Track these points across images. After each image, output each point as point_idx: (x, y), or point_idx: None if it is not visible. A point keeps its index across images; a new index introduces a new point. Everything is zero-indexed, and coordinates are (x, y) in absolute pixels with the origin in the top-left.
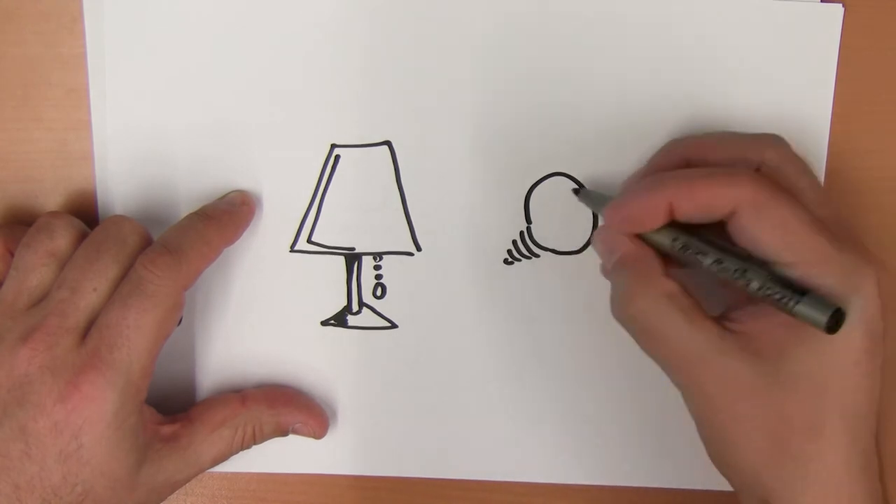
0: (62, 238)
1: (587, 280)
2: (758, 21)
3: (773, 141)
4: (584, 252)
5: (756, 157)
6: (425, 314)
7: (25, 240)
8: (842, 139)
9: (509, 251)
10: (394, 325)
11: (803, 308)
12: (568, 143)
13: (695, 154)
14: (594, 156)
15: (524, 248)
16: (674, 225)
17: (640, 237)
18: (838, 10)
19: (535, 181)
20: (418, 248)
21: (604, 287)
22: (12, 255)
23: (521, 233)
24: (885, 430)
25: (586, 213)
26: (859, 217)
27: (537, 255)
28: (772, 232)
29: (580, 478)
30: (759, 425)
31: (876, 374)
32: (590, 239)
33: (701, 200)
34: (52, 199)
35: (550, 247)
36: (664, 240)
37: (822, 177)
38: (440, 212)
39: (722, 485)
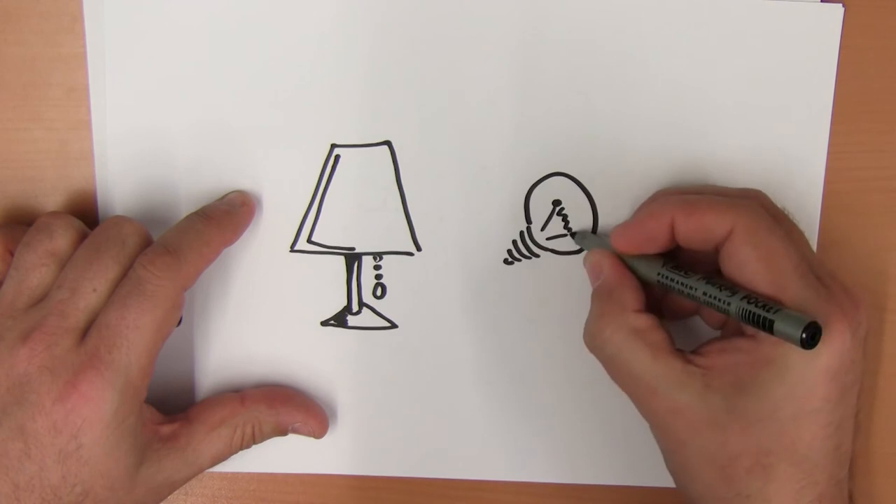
0: (62, 238)
1: (587, 280)
2: (758, 21)
3: (757, 193)
4: (583, 252)
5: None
6: (425, 314)
7: (25, 240)
8: (842, 139)
9: (509, 251)
10: (394, 325)
11: (779, 323)
12: (568, 143)
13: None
14: (594, 156)
15: (524, 248)
16: (658, 256)
17: (630, 267)
18: (838, 10)
19: (535, 181)
20: (418, 248)
21: None
22: (12, 254)
23: (521, 233)
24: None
25: (586, 214)
26: (859, 217)
27: (537, 255)
28: (759, 261)
29: (580, 477)
30: (711, 460)
31: (842, 424)
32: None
33: (702, 221)
34: (52, 199)
35: (550, 247)
36: (651, 268)
37: (822, 177)
38: (440, 212)
39: None
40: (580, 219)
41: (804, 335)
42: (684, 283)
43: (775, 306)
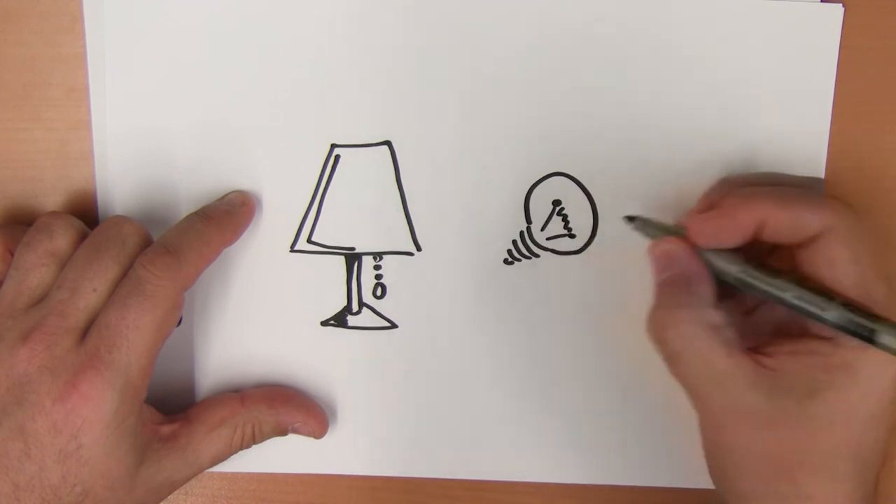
0: (62, 238)
1: (587, 280)
2: (758, 21)
3: (843, 205)
4: (584, 252)
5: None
6: (425, 314)
7: (25, 240)
8: (842, 139)
9: (509, 251)
10: (394, 325)
11: (884, 335)
12: (568, 143)
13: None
14: (594, 156)
15: (524, 248)
16: (737, 253)
17: (706, 260)
18: (838, 10)
19: (535, 181)
20: (418, 248)
21: (603, 287)
22: (12, 254)
23: (521, 233)
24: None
25: (586, 213)
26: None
27: (537, 255)
28: (850, 263)
29: (580, 477)
30: (776, 459)
31: (893, 427)
32: (590, 240)
33: (797, 215)
34: (52, 199)
35: (550, 247)
36: (730, 263)
37: (822, 177)
38: (440, 212)
39: None
40: (580, 219)
41: None
42: (771, 283)
43: (876, 317)
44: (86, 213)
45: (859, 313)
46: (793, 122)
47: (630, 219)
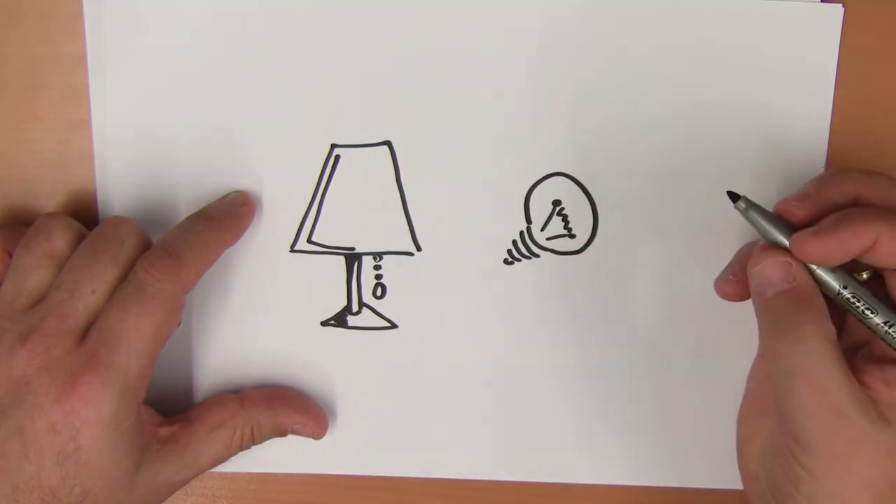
0: (60, 239)
1: (587, 280)
2: (758, 21)
3: None
4: (584, 252)
5: None
6: (425, 314)
7: (24, 241)
8: (842, 139)
9: (509, 251)
10: (394, 325)
11: None
12: (568, 143)
13: (865, 192)
14: (594, 156)
15: (524, 248)
16: (842, 271)
17: (812, 273)
18: (838, 10)
19: (535, 181)
20: (418, 248)
21: (603, 287)
22: (11, 256)
23: (521, 233)
24: None
25: (586, 213)
26: None
27: (537, 255)
28: None
29: (580, 477)
30: (873, 488)
31: None
32: (590, 240)
33: None
34: (52, 199)
35: (550, 247)
36: (835, 284)
37: None
38: (440, 212)
39: (725, 483)
40: (580, 219)
41: None
42: (864, 315)
43: None
44: (85, 214)
45: None
46: (793, 121)
47: (734, 196)
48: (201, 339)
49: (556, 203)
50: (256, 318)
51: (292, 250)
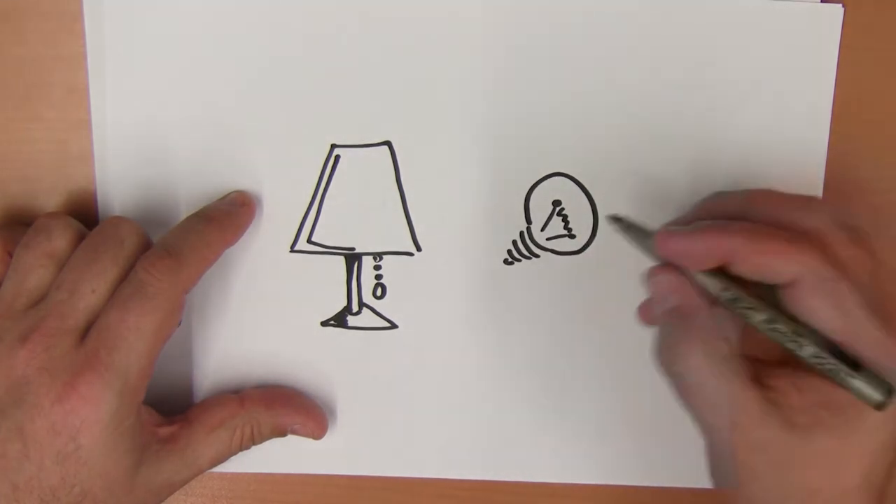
0: (60, 239)
1: (587, 280)
2: (758, 21)
3: (822, 206)
4: (583, 252)
5: (806, 223)
6: (425, 314)
7: (24, 241)
8: (842, 139)
9: (509, 251)
10: (394, 325)
11: (858, 383)
12: (568, 143)
13: (741, 209)
14: (594, 156)
15: (524, 248)
16: (722, 273)
17: (687, 274)
18: (838, 10)
19: (535, 181)
20: (418, 248)
21: (603, 287)
22: (11, 256)
23: (521, 233)
24: None
25: (586, 213)
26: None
27: (537, 256)
28: (831, 310)
29: (580, 477)
30: (789, 494)
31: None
32: (590, 240)
33: (765, 260)
34: (52, 199)
35: (550, 247)
36: (713, 285)
37: (821, 178)
38: (440, 212)
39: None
40: (580, 219)
41: (882, 398)
42: (748, 316)
43: (849, 369)
44: (85, 214)
45: (833, 359)
46: (793, 122)
47: (615, 219)
48: (201, 339)
49: (556, 203)
50: (256, 318)
51: (292, 250)
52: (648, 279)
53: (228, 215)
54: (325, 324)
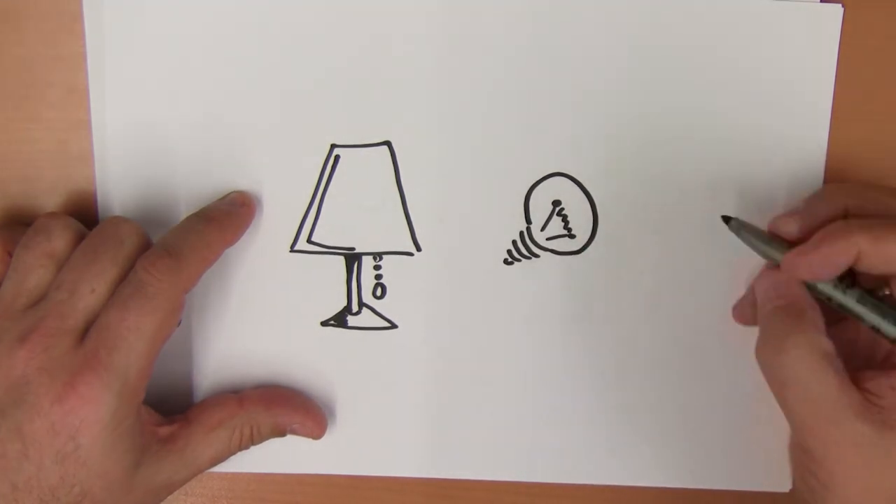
0: (60, 239)
1: (587, 280)
2: (758, 21)
3: None
4: (583, 252)
5: None
6: (425, 314)
7: (23, 241)
8: (842, 139)
9: (509, 251)
10: (394, 325)
11: None
12: (568, 143)
13: (854, 203)
14: (594, 156)
15: (524, 248)
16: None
17: (809, 288)
18: (838, 10)
19: (535, 181)
20: (418, 248)
21: (603, 288)
22: (11, 256)
23: (521, 233)
24: None
25: (586, 213)
26: None
27: (537, 256)
28: None
29: (579, 477)
30: (876, 494)
31: None
32: (590, 240)
33: (889, 253)
34: (51, 199)
35: (550, 247)
36: (833, 292)
37: (821, 177)
38: (440, 212)
39: (728, 484)
40: (580, 219)
41: None
42: (867, 317)
43: None
44: (85, 214)
45: None
46: (792, 121)
47: (726, 219)
48: (201, 339)
49: (556, 203)
50: (256, 318)
51: (292, 250)
52: (758, 280)
53: (228, 215)
54: (325, 324)
